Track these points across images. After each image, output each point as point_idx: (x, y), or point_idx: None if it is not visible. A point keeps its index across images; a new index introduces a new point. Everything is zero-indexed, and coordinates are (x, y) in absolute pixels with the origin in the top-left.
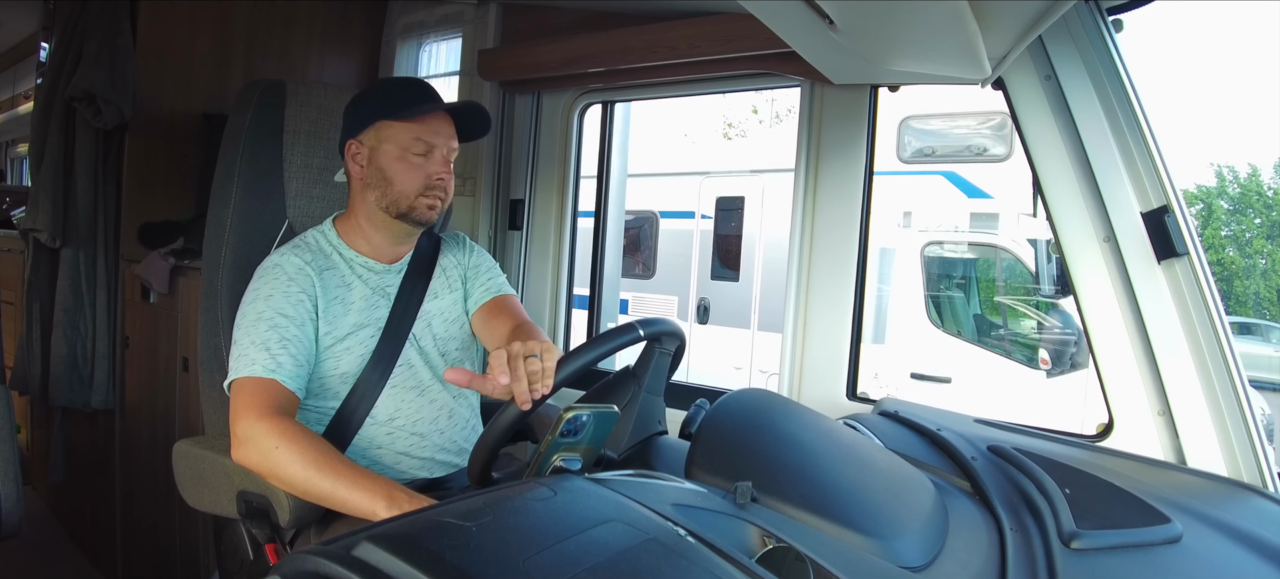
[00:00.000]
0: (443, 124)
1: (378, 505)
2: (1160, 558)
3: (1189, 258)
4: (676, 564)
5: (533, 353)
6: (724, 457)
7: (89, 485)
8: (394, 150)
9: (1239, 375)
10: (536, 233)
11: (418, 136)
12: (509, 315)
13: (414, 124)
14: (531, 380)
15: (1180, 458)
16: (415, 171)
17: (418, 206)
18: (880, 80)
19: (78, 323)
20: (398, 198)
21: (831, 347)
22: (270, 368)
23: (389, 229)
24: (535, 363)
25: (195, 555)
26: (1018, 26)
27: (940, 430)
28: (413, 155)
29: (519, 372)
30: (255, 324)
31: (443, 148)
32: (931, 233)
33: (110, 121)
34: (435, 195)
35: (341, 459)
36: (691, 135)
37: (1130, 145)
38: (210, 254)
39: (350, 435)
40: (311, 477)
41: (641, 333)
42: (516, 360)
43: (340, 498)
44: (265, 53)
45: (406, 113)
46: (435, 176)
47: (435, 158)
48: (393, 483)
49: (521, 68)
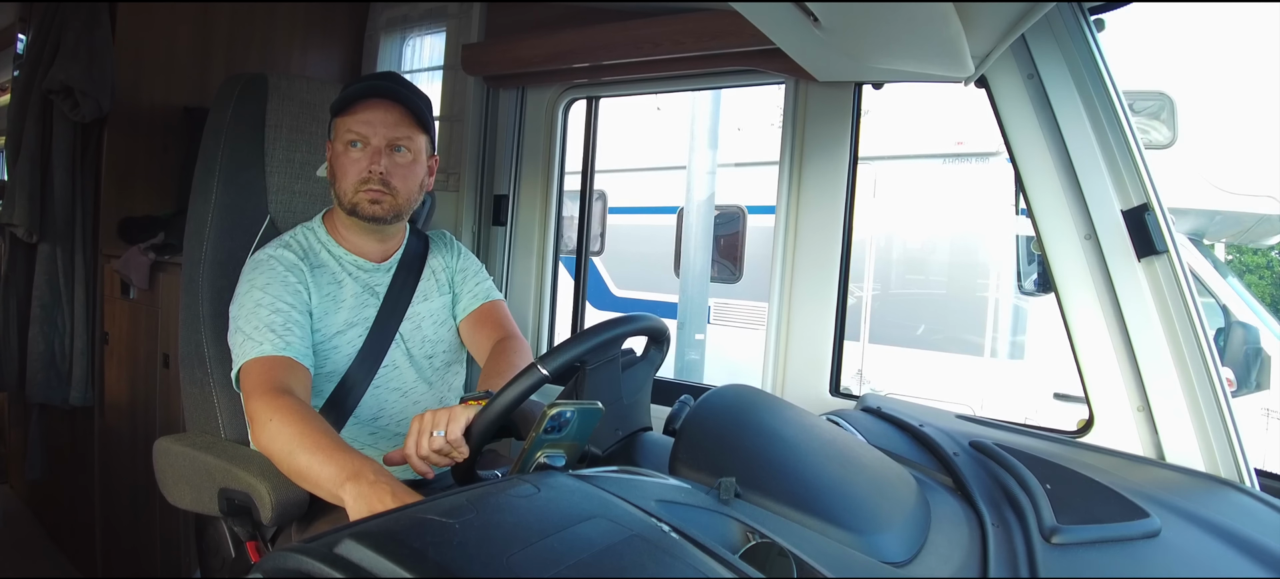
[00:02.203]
0: (377, 112)
1: (343, 487)
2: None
3: (1168, 255)
4: (660, 560)
5: (438, 427)
6: (708, 453)
7: (68, 483)
8: (339, 146)
9: (1217, 372)
10: (520, 228)
11: (350, 128)
12: (493, 326)
13: (347, 117)
14: (441, 453)
15: (1159, 454)
16: (352, 166)
17: (359, 202)
18: (864, 78)
19: (55, 319)
20: (341, 194)
21: (815, 343)
22: (280, 346)
23: (356, 227)
24: (439, 439)
25: (176, 554)
26: (1000, 26)
27: (923, 426)
28: (351, 150)
29: (422, 449)
30: (256, 310)
31: (377, 138)
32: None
33: (88, 115)
34: (372, 189)
35: (327, 437)
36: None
37: (1111, 144)
38: (191, 249)
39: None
40: (294, 451)
41: (543, 371)
42: (423, 437)
43: (314, 474)
44: (247, 46)
45: (342, 107)
46: (366, 169)
47: (369, 150)
48: (366, 464)
49: (505, 63)
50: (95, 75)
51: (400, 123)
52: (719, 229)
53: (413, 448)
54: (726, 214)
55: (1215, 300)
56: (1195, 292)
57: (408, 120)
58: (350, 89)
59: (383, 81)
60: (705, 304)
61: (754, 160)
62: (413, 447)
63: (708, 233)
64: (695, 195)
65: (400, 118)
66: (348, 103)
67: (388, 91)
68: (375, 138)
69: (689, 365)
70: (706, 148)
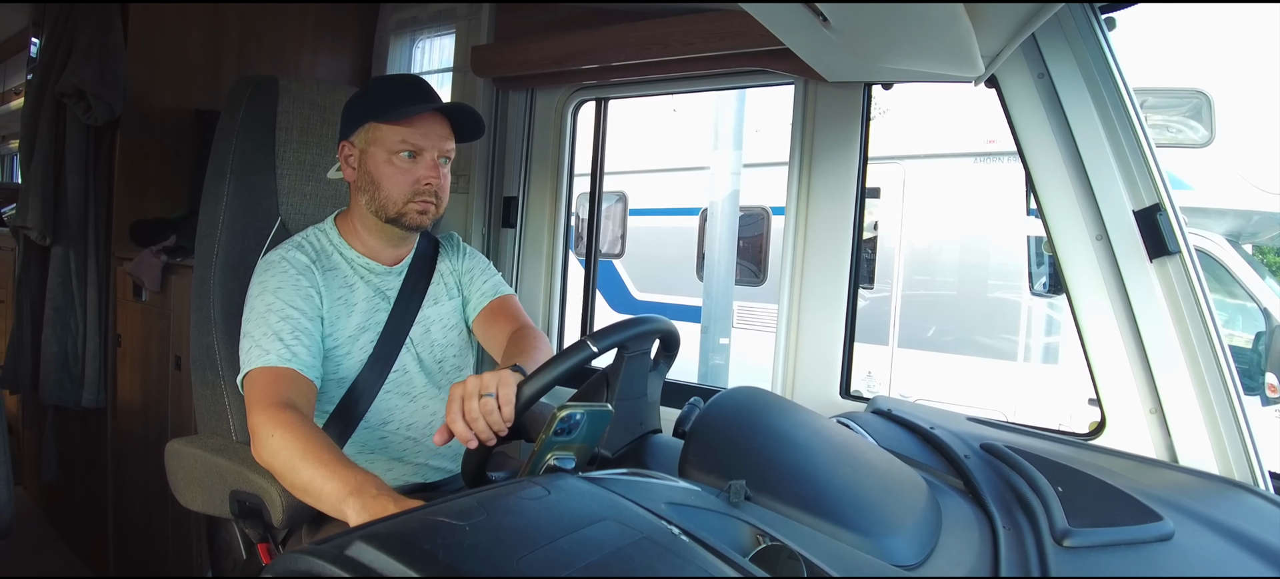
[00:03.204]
0: (433, 125)
1: (346, 502)
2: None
3: (1181, 256)
4: (670, 563)
5: (488, 390)
6: (718, 455)
7: (81, 485)
8: (381, 154)
9: (1230, 373)
10: (530, 230)
11: (404, 139)
12: (508, 318)
13: (400, 127)
14: (487, 417)
15: (1172, 456)
16: (402, 176)
17: (407, 212)
18: (874, 78)
19: (68, 321)
20: (386, 203)
21: (825, 344)
22: (286, 357)
23: (382, 233)
24: (489, 401)
25: (188, 555)
26: (1011, 25)
27: (933, 429)
28: (400, 159)
29: (471, 412)
30: (265, 316)
31: (432, 150)
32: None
33: (100, 118)
34: (425, 200)
35: (329, 452)
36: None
37: (1123, 143)
38: (202, 252)
39: (345, 439)
40: (297, 467)
41: (593, 347)
42: (470, 400)
43: (316, 489)
44: (257, 49)
45: (393, 115)
46: (423, 181)
47: (424, 161)
48: (368, 479)
49: (515, 65)
50: (107, 79)
51: (447, 136)
52: (743, 230)
53: (457, 412)
54: (751, 215)
55: (1256, 304)
56: (1209, 292)
57: (451, 133)
58: (398, 94)
59: (432, 93)
60: (730, 307)
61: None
62: (458, 412)
63: (732, 234)
64: (719, 195)
65: (447, 131)
66: (401, 110)
67: (442, 106)
68: (431, 150)
69: (713, 370)
70: (731, 147)
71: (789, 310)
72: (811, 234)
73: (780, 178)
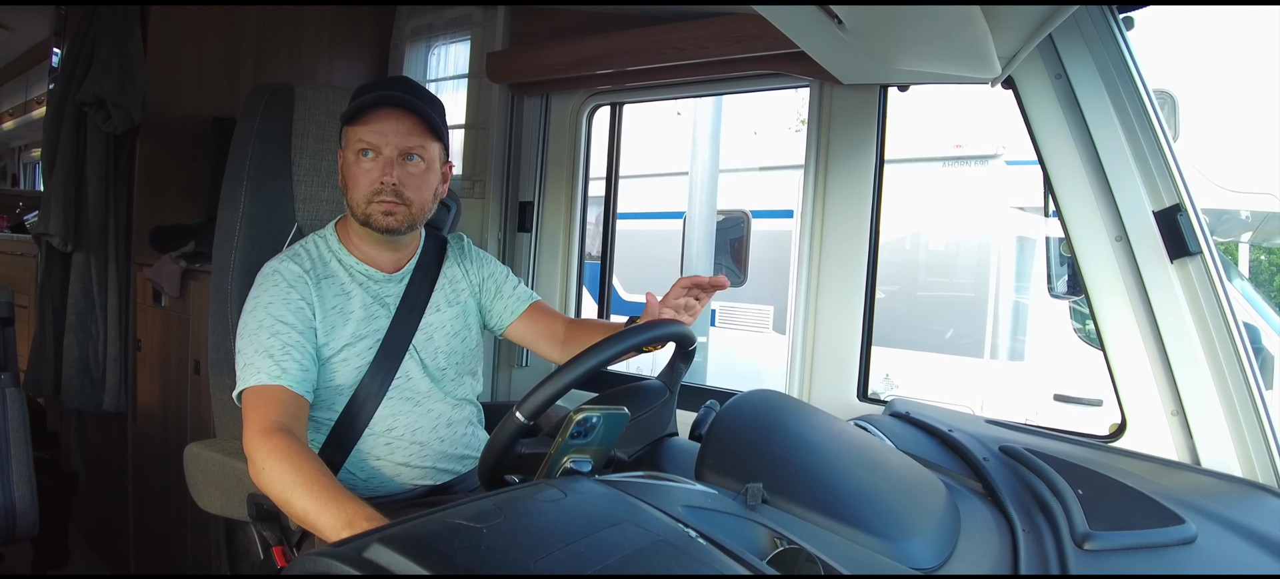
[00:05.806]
0: (389, 122)
1: (341, 536)
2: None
3: (1202, 256)
4: (687, 566)
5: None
6: (734, 458)
7: (102, 487)
8: (350, 156)
9: (1254, 373)
10: (546, 235)
11: (361, 138)
12: (552, 316)
13: (358, 127)
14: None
15: (1194, 458)
16: (364, 177)
17: (372, 214)
18: (889, 80)
19: (89, 326)
20: (354, 205)
21: (842, 347)
22: (276, 375)
23: (368, 237)
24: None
25: (207, 557)
26: (1028, 26)
27: (952, 431)
28: (361, 159)
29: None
30: (257, 333)
31: (388, 148)
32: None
33: (120, 126)
34: (385, 200)
35: (321, 479)
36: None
37: (1142, 144)
38: (220, 258)
39: (349, 446)
40: (291, 497)
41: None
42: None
43: (312, 521)
44: (274, 56)
45: (353, 117)
46: (378, 180)
47: (381, 160)
48: (360, 510)
49: (530, 70)
50: (127, 87)
51: (412, 132)
52: (726, 234)
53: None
54: (732, 219)
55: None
56: (1230, 293)
57: (420, 128)
58: (361, 97)
59: (394, 89)
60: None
61: (756, 166)
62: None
63: (710, 237)
64: (696, 200)
65: (412, 126)
66: (359, 111)
67: (399, 100)
68: (387, 148)
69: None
70: (708, 153)
71: (805, 313)
72: (828, 236)
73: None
